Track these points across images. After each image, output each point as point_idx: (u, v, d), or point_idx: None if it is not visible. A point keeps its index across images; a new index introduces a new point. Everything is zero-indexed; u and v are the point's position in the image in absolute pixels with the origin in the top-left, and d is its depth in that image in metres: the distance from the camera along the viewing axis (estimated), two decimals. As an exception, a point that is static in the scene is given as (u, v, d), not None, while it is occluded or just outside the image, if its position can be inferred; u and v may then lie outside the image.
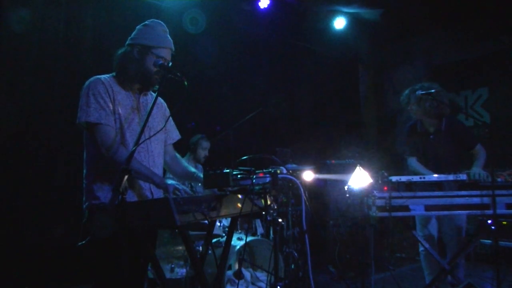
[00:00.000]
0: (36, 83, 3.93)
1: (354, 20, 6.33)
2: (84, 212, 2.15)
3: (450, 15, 5.95)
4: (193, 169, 2.49)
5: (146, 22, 2.27)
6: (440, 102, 3.40)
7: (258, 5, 5.43)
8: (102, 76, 2.20)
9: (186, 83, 2.05)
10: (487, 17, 5.86)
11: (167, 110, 2.49)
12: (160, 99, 2.42)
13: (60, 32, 4.10)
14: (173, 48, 2.29)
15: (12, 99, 3.79)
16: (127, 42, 2.27)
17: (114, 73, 2.26)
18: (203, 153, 4.64)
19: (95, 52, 4.31)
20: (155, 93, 2.33)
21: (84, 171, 2.19)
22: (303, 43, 6.50)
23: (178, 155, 2.57)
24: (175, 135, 2.55)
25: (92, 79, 2.18)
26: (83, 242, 1.86)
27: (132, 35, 2.27)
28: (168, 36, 2.28)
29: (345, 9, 6.16)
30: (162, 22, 2.29)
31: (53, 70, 4.06)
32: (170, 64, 2.23)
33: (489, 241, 4.69)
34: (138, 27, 2.28)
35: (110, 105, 2.12)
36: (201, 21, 4.99)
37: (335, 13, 6.21)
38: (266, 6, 5.44)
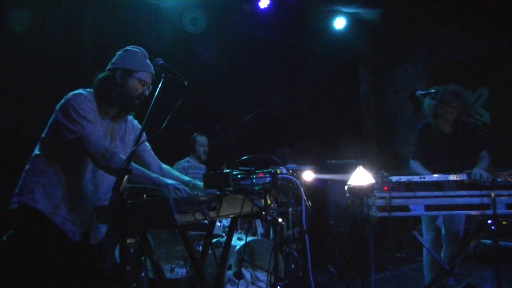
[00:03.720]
0: (36, 83, 3.93)
1: (354, 20, 6.33)
2: (12, 205, 2.12)
3: (450, 15, 5.95)
4: (186, 178, 2.47)
5: (127, 48, 2.31)
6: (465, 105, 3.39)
7: (258, 5, 5.43)
8: (85, 92, 2.20)
9: (186, 83, 2.05)
10: (487, 17, 5.86)
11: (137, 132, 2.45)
12: (134, 122, 2.43)
13: (60, 32, 4.09)
14: (153, 72, 2.30)
15: (12, 99, 3.78)
16: (108, 67, 2.28)
17: (92, 90, 2.24)
18: (201, 149, 4.63)
19: (95, 52, 4.31)
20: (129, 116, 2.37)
21: (29, 166, 2.16)
22: (303, 43, 6.50)
23: (165, 166, 2.56)
24: (147, 144, 2.50)
25: (76, 93, 2.16)
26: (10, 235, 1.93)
27: (113, 60, 2.29)
28: (148, 60, 2.31)
29: (345, 9, 6.16)
30: (141, 48, 2.32)
31: (53, 70, 4.05)
32: (150, 87, 2.27)
33: (489, 241, 4.69)
34: (118, 52, 2.31)
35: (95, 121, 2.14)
36: (201, 21, 4.99)
37: (335, 13, 6.21)
38: (266, 6, 5.43)
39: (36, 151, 2.19)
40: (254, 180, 2.02)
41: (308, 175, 3.72)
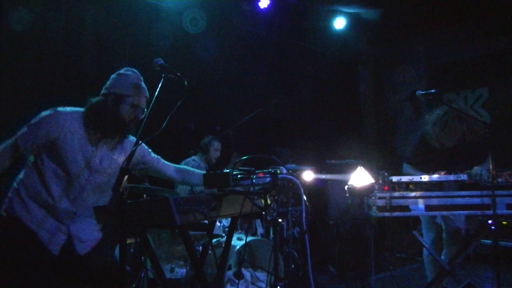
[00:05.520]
0: (36, 83, 3.93)
1: (354, 20, 6.33)
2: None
3: (450, 15, 5.95)
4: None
5: (121, 71, 2.27)
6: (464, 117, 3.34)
7: (258, 5, 5.43)
8: (70, 111, 2.17)
9: (186, 83, 2.05)
10: (487, 17, 5.86)
11: (142, 151, 2.38)
12: (131, 141, 2.34)
13: (60, 32, 4.10)
14: (147, 95, 2.27)
15: (12, 99, 3.78)
16: (102, 92, 2.25)
17: (83, 110, 2.22)
18: (215, 154, 4.63)
19: (95, 52, 4.30)
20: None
21: (23, 174, 2.18)
22: (303, 43, 6.50)
23: (183, 167, 2.54)
24: (153, 155, 2.47)
25: (55, 110, 2.14)
26: None
27: (107, 84, 2.26)
28: (143, 83, 2.27)
29: (345, 9, 6.16)
30: (135, 70, 2.28)
31: (53, 70, 4.06)
32: (145, 111, 2.22)
33: (489, 241, 4.68)
34: (112, 76, 2.28)
35: (42, 144, 2.12)
36: (201, 21, 4.99)
37: (335, 13, 6.21)
38: (266, 6, 5.43)
39: (31, 159, 2.21)
40: (254, 180, 2.01)
41: (308, 175, 3.71)
